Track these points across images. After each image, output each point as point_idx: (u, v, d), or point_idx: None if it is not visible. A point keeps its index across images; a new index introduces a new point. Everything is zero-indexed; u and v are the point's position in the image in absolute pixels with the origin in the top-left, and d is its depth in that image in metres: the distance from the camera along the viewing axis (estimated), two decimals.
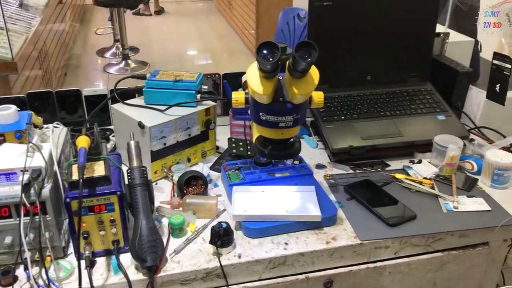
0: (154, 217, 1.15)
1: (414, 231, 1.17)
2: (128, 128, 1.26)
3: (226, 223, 1.07)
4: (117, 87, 1.42)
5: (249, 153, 1.41)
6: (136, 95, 1.45)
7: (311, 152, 1.51)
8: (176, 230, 1.11)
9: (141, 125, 1.25)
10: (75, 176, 0.98)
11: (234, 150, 1.42)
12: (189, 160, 1.40)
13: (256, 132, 1.14)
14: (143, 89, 1.36)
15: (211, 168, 1.39)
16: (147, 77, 1.39)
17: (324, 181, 1.35)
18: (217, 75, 1.58)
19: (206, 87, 1.42)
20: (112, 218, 1.02)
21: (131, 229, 1.05)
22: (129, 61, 4.73)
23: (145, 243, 0.99)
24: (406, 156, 1.48)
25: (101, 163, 1.04)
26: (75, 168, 0.99)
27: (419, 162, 1.43)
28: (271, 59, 0.94)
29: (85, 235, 1.01)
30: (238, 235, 1.13)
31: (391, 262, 1.18)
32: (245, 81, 1.29)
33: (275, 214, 1.14)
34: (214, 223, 1.12)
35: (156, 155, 1.30)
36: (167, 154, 1.33)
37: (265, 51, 0.95)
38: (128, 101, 1.38)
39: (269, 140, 1.12)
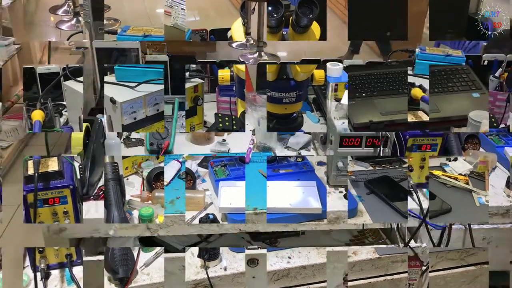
0: (125, 209, 1.19)
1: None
2: (79, 104, 1.31)
3: (213, 214, 1.12)
4: (69, 65, 1.45)
5: (234, 127, 1.43)
6: None
7: (313, 127, 1.45)
8: (146, 221, 1.13)
9: (112, 101, 1.24)
10: (30, 171, 1.02)
11: (220, 125, 1.45)
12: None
13: (241, 107, 1.25)
14: (115, 67, 1.35)
15: (199, 164, 1.37)
16: (118, 32, 1.42)
17: (324, 176, 1.29)
18: (204, 31, 1.57)
19: (194, 66, 1.44)
20: (65, 210, 1.07)
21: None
22: (80, 18, 4.52)
23: (117, 255, 1.06)
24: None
25: (55, 159, 1.08)
26: (30, 163, 1.04)
27: (455, 160, 1.36)
28: (275, 15, 1.03)
29: (40, 249, 1.08)
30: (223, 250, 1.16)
31: None
32: (231, 36, 1.33)
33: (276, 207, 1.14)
34: (202, 215, 1.13)
35: (128, 129, 1.30)
36: (138, 127, 1.32)
37: (269, 8, 1.03)
38: (80, 78, 1.40)
39: (274, 115, 1.21)
